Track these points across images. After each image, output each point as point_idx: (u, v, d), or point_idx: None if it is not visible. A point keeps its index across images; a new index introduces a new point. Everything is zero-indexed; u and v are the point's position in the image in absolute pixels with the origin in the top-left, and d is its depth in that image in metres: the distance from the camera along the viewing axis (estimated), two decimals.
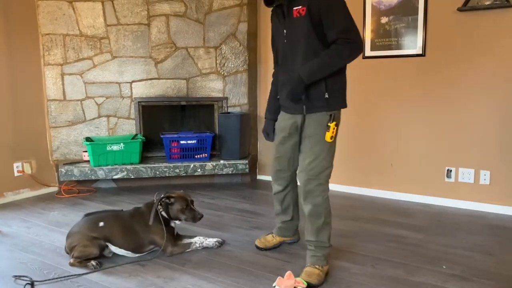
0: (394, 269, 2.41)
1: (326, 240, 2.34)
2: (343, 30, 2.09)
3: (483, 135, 3.43)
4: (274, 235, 2.76)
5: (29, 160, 4.02)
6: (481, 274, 2.35)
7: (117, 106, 4.29)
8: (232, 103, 4.46)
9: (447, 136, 3.57)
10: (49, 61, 4.07)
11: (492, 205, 3.43)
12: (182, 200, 2.58)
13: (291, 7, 2.21)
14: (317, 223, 2.31)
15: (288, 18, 2.25)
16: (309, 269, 2.29)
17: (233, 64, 4.40)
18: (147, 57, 4.25)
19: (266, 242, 2.73)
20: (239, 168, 4.27)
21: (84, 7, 4.07)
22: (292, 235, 2.77)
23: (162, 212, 2.57)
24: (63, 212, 3.50)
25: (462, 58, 3.43)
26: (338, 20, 2.11)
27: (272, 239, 2.74)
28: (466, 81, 3.44)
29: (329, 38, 2.13)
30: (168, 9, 4.21)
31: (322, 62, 2.13)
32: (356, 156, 4.02)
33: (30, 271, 2.41)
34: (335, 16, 2.11)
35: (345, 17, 2.12)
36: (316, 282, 2.22)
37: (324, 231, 2.33)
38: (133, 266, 2.46)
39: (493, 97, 3.35)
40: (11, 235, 2.99)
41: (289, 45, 2.29)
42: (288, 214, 2.69)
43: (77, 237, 2.48)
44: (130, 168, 4.08)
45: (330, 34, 2.12)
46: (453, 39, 3.45)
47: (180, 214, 2.57)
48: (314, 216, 2.30)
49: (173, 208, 2.57)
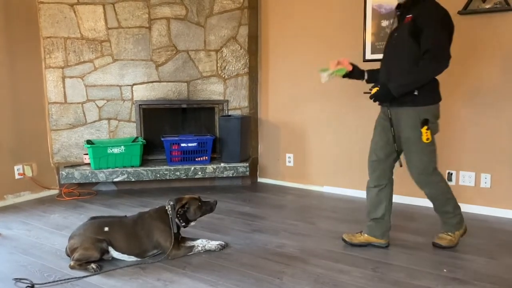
0: (395, 273, 2.41)
1: (451, 211, 2.68)
2: (432, 45, 2.37)
3: (483, 138, 3.42)
4: (362, 233, 2.83)
5: (30, 163, 4.02)
6: (482, 278, 2.34)
7: (118, 109, 4.29)
8: (233, 106, 4.47)
9: (448, 139, 3.57)
10: (50, 64, 4.08)
11: (493, 208, 3.43)
12: (193, 200, 2.64)
13: (405, 14, 2.53)
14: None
15: (401, 23, 2.58)
16: (441, 235, 2.75)
17: (233, 67, 4.41)
18: (148, 60, 4.26)
19: (352, 237, 2.83)
20: (239, 171, 4.27)
21: (85, 10, 4.08)
22: (380, 237, 2.78)
23: (178, 221, 2.60)
24: (63, 214, 3.50)
25: (462, 61, 3.43)
26: (431, 36, 2.39)
27: (359, 236, 2.82)
28: (467, 84, 3.44)
29: (421, 48, 2.41)
30: (169, 12, 4.22)
31: (410, 80, 2.45)
32: (358, 159, 4.01)
33: (31, 273, 2.40)
34: (429, 31, 2.39)
35: (439, 35, 2.40)
36: (446, 244, 2.70)
37: (447, 205, 2.67)
38: (133, 269, 2.46)
39: (494, 100, 3.35)
40: (12, 237, 2.99)
41: (395, 46, 2.59)
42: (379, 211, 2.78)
43: (79, 239, 2.48)
44: (131, 171, 4.08)
45: (422, 45, 2.41)
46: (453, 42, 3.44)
47: (198, 212, 2.64)
48: None
49: (190, 212, 2.62)
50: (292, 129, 4.43)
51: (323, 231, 3.08)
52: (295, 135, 4.42)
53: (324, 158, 4.25)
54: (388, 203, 2.76)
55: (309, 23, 4.16)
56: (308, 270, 2.43)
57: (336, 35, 4.02)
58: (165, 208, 2.61)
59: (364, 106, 3.92)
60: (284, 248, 2.76)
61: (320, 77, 2.79)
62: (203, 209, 2.65)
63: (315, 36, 4.14)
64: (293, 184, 4.49)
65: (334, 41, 4.03)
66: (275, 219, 3.38)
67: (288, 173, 4.53)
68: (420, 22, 2.42)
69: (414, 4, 2.51)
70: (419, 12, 2.45)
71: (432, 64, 2.39)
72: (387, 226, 2.78)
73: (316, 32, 4.13)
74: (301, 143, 4.39)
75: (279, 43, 4.41)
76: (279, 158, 4.57)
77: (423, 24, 2.40)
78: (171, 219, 2.56)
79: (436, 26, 2.40)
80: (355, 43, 3.89)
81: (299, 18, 4.23)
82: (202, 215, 2.67)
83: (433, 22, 2.41)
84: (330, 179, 4.23)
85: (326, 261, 2.56)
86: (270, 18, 4.44)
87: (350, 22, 3.91)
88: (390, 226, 2.80)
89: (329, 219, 3.37)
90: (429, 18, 2.42)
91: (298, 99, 4.33)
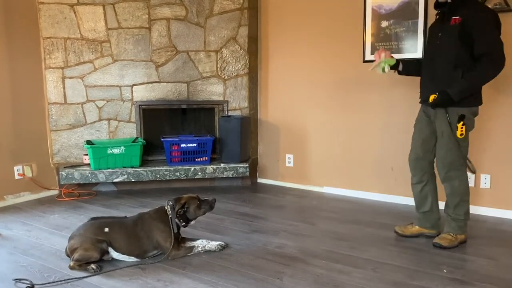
0: (394, 273, 2.41)
1: (461, 213, 2.73)
2: (489, 48, 2.41)
3: (483, 138, 3.43)
4: (413, 224, 2.97)
5: (30, 163, 4.02)
6: (482, 278, 2.34)
7: (117, 110, 4.29)
8: (233, 107, 4.47)
9: None
10: (50, 64, 4.08)
11: (493, 209, 3.43)
12: (192, 199, 2.64)
13: (451, 15, 2.53)
14: None
15: (445, 24, 2.57)
16: (444, 235, 2.77)
17: (233, 67, 4.41)
18: (148, 60, 4.26)
19: (404, 229, 2.97)
20: (239, 172, 4.27)
21: (85, 11, 4.08)
22: (431, 227, 2.91)
23: (177, 221, 2.60)
24: (63, 215, 3.50)
25: None
26: (486, 38, 2.42)
27: (411, 228, 2.96)
28: None
29: (476, 52, 2.45)
30: (169, 13, 4.22)
31: (470, 85, 2.50)
32: (357, 160, 4.02)
33: (30, 274, 2.40)
34: (484, 34, 2.42)
35: (493, 36, 2.43)
36: (445, 245, 2.71)
37: (461, 207, 2.73)
38: (133, 269, 2.46)
39: (493, 101, 3.35)
40: (12, 238, 2.98)
41: (440, 46, 2.60)
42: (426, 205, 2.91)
43: (79, 240, 2.48)
44: (131, 171, 4.08)
45: (477, 49, 2.44)
46: None
47: (198, 211, 2.64)
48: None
49: (190, 211, 2.62)
50: (292, 130, 4.43)
51: (323, 232, 3.08)
52: (295, 136, 4.42)
53: (324, 159, 4.25)
54: (433, 197, 2.89)
55: (309, 23, 4.16)
56: (308, 271, 2.43)
57: (335, 36, 4.02)
58: (165, 208, 2.61)
59: (364, 107, 3.92)
60: (284, 249, 2.76)
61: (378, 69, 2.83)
62: (202, 208, 2.65)
63: (315, 36, 4.14)
64: (293, 184, 4.49)
65: (333, 41, 4.04)
66: (275, 219, 3.38)
67: (288, 173, 4.53)
68: (471, 25, 2.43)
69: (461, 4, 2.50)
70: (469, 13, 2.45)
71: (491, 67, 2.44)
72: (436, 217, 2.92)
73: (316, 33, 4.13)
74: (301, 143, 4.39)
75: (279, 43, 4.41)
76: (279, 158, 4.58)
77: (476, 27, 2.42)
78: (170, 219, 2.56)
79: (491, 28, 2.43)
80: (355, 44, 3.89)
81: (298, 18, 4.23)
82: (202, 214, 2.68)
83: (487, 25, 2.43)
84: (330, 180, 4.23)
85: (326, 262, 2.56)
86: (270, 18, 4.44)
87: (350, 22, 3.91)
88: (440, 217, 2.92)
89: (329, 220, 3.37)
90: (482, 21, 2.43)
91: (298, 99, 4.34)
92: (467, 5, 2.49)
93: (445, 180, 2.74)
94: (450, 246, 2.72)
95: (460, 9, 2.50)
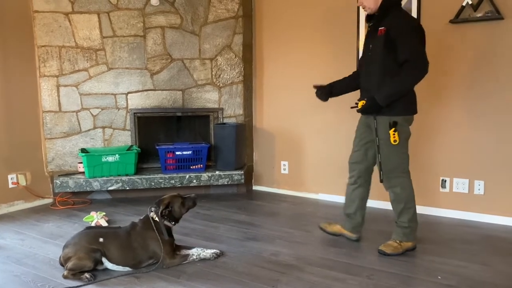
0: (389, 280, 2.41)
1: (405, 221, 2.75)
2: (411, 55, 2.48)
3: (477, 145, 3.45)
4: (337, 224, 3.07)
5: (24, 172, 4.00)
6: (476, 285, 2.35)
7: (112, 117, 4.29)
8: (228, 114, 4.48)
9: (441, 147, 3.59)
10: (44, 72, 4.08)
11: (487, 215, 3.45)
12: (174, 198, 2.67)
13: (378, 26, 2.64)
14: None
15: (374, 35, 2.67)
16: (389, 242, 2.80)
17: (228, 75, 4.43)
18: (143, 68, 4.27)
19: (328, 226, 3.08)
20: (234, 179, 4.27)
21: (80, 19, 4.09)
22: (351, 230, 2.99)
23: (166, 222, 2.62)
24: (57, 224, 3.48)
25: (454, 69, 3.47)
26: (407, 45, 2.50)
27: (334, 226, 3.07)
28: (459, 92, 3.47)
29: (399, 59, 2.53)
30: (164, 21, 4.24)
31: (395, 89, 2.56)
32: None
33: (24, 283, 2.39)
34: (405, 41, 2.51)
35: (415, 44, 2.51)
36: (389, 252, 2.73)
37: (405, 214, 2.75)
38: (127, 278, 2.44)
39: (487, 108, 3.38)
40: (5, 247, 2.96)
41: (371, 57, 2.71)
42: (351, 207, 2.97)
43: (73, 249, 2.46)
44: (125, 179, 4.07)
45: (400, 56, 2.52)
46: (445, 51, 3.49)
47: (183, 208, 2.67)
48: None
49: (175, 210, 2.64)
50: (287, 137, 4.45)
51: (318, 239, 3.09)
52: (290, 143, 4.44)
53: (319, 166, 4.26)
54: (360, 202, 2.94)
55: (303, 31, 4.20)
56: (303, 278, 2.43)
57: (329, 43, 4.05)
58: (150, 216, 2.61)
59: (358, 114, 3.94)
60: (279, 256, 2.76)
61: None
62: (186, 205, 2.69)
63: (309, 43, 4.17)
64: (288, 191, 4.49)
65: (327, 48, 4.07)
66: (270, 227, 3.38)
67: (283, 180, 4.54)
68: (393, 33, 2.53)
69: (384, 16, 2.61)
70: (391, 23, 2.56)
71: (413, 72, 2.51)
72: (357, 222, 2.97)
73: (310, 40, 4.16)
74: (296, 150, 4.40)
75: (273, 51, 4.43)
76: (274, 165, 4.58)
77: (398, 35, 2.52)
78: (159, 224, 2.56)
79: (411, 35, 2.52)
80: (349, 51, 3.92)
81: (293, 26, 4.26)
82: (186, 211, 2.71)
83: (407, 33, 2.52)
84: (325, 187, 4.24)
85: (321, 269, 2.56)
86: (265, 26, 4.47)
87: (343, 30, 3.95)
88: (362, 223, 3.00)
89: None
90: (402, 29, 2.53)
91: (293, 106, 4.36)
92: (391, 15, 2.60)
93: (387, 187, 2.79)
94: (393, 254, 2.74)
95: (386, 19, 2.60)
